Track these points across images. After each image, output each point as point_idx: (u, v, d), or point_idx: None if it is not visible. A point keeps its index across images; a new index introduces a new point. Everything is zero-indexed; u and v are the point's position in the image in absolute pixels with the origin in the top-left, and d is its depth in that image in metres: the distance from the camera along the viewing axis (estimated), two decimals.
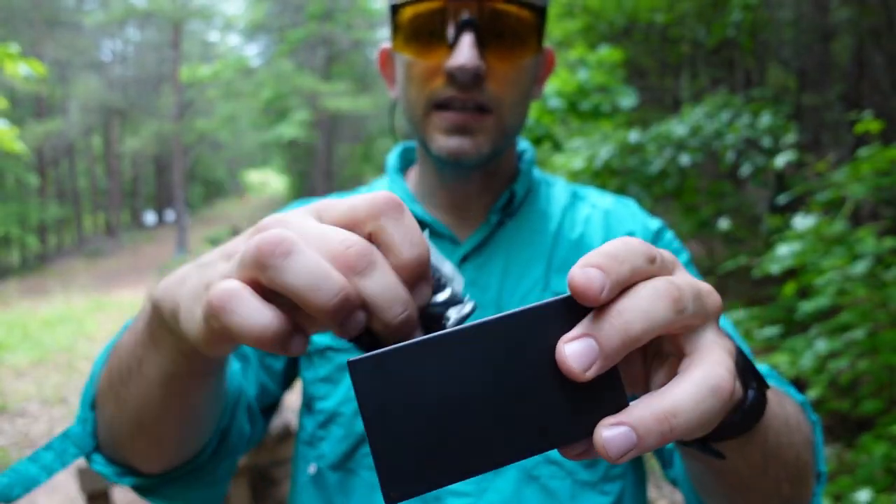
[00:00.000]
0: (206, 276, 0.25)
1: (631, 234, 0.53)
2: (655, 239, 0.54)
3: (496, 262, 0.51)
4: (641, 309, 0.21)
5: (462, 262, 0.51)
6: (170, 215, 19.96)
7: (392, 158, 0.58)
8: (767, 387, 0.29)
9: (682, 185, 2.94)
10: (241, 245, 0.25)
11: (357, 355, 0.20)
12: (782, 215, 1.66)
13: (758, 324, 1.70)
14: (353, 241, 0.22)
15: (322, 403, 0.50)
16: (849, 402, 1.73)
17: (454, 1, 0.43)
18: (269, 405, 0.53)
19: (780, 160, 1.70)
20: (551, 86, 2.88)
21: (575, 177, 3.04)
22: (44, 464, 0.36)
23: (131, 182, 22.60)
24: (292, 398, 2.40)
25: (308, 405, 0.52)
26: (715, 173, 4.48)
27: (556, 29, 3.94)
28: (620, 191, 2.95)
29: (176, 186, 15.11)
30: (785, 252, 1.50)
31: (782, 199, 1.94)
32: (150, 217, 20.00)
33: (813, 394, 1.52)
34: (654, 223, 0.56)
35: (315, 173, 17.31)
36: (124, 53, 20.95)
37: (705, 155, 2.96)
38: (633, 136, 2.85)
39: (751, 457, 0.31)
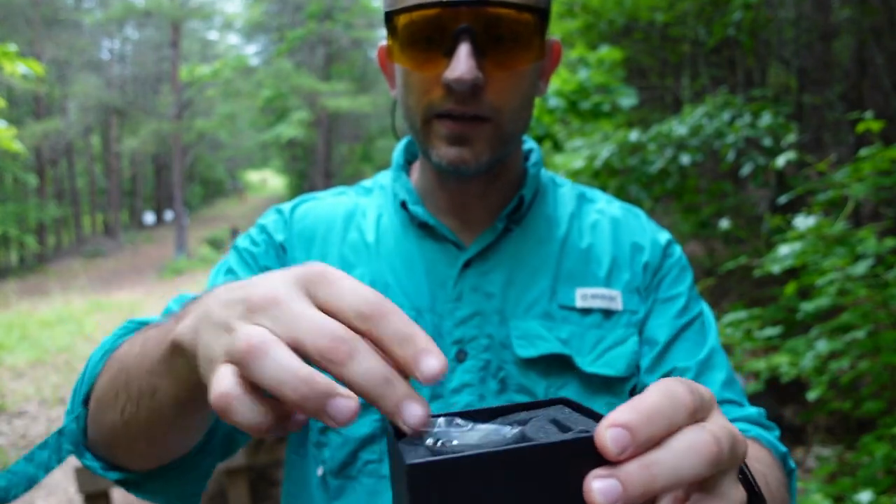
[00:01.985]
0: (212, 349, 0.26)
1: (639, 246, 0.53)
2: (664, 254, 0.53)
3: (501, 270, 0.50)
4: (671, 466, 0.21)
5: (465, 268, 0.50)
6: (169, 215, 19.94)
7: (397, 154, 0.57)
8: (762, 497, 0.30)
9: (682, 185, 2.94)
10: (237, 316, 0.25)
11: (408, 448, 0.22)
12: (783, 215, 1.65)
13: (758, 324, 1.70)
14: (337, 333, 0.23)
15: None
16: (850, 402, 1.73)
17: (449, 8, 0.42)
18: None
19: (781, 160, 1.70)
20: (551, 85, 2.88)
21: (575, 176, 3.04)
22: (40, 461, 0.37)
23: (130, 182, 22.58)
24: None
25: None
26: (716, 173, 4.48)
27: (556, 28, 3.93)
28: (620, 190, 2.95)
29: (175, 186, 15.10)
30: (786, 252, 1.50)
31: (783, 198, 1.94)
32: (148, 217, 19.98)
33: (814, 394, 1.52)
34: (664, 236, 0.54)
35: (314, 173, 17.30)
36: (123, 53, 20.93)
37: (706, 154, 2.96)
38: (634, 135, 2.85)
39: None
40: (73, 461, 2.92)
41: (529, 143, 0.57)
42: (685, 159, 2.57)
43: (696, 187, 3.35)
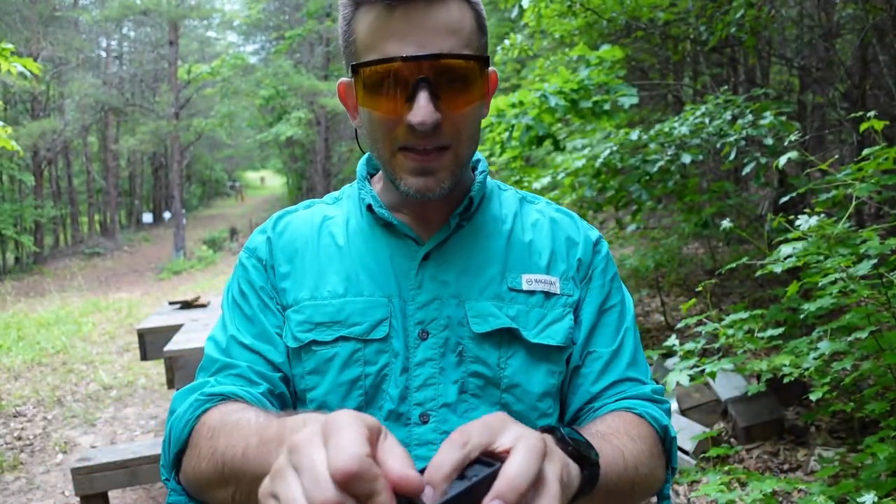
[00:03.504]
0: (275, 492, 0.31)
1: (573, 241, 0.63)
2: (594, 250, 0.63)
3: (455, 261, 0.59)
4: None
5: (424, 260, 0.58)
6: (167, 215, 19.89)
7: (360, 167, 0.66)
8: (598, 467, 0.43)
9: (683, 185, 2.93)
10: (286, 481, 0.30)
11: None
12: (785, 215, 1.64)
13: (760, 324, 1.69)
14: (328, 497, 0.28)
15: (312, 394, 0.56)
16: (853, 403, 1.72)
17: (409, 62, 0.49)
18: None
19: (783, 159, 1.69)
20: (552, 85, 2.86)
21: (576, 175, 3.03)
22: None
23: (128, 181, 22.51)
24: None
25: (301, 397, 0.58)
26: (717, 173, 4.47)
27: (556, 27, 3.91)
28: (621, 190, 2.94)
29: (173, 186, 15.06)
30: (788, 252, 1.49)
31: (785, 198, 1.93)
32: (146, 217, 19.93)
33: (816, 395, 1.51)
34: (594, 234, 0.65)
35: (313, 172, 17.27)
36: (121, 51, 20.86)
37: (707, 154, 2.95)
38: (635, 134, 2.84)
39: (594, 500, 0.44)
40: (68, 462, 2.90)
41: (477, 155, 0.66)
42: (686, 159, 2.56)
43: (698, 187, 3.34)
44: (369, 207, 0.60)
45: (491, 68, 0.57)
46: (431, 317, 0.56)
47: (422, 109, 0.50)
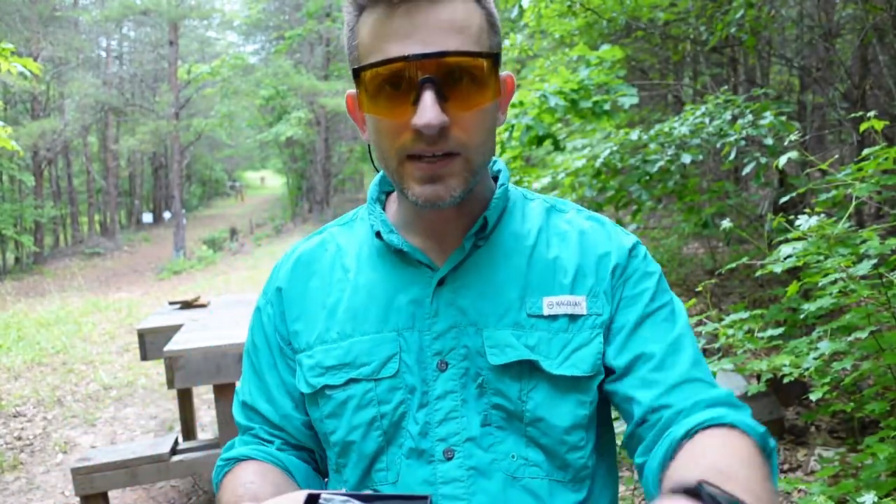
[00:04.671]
0: None
1: (605, 253, 0.56)
2: (630, 255, 0.57)
3: (472, 285, 0.55)
4: None
5: (439, 286, 0.55)
6: (167, 215, 19.89)
7: (372, 189, 0.62)
8: None
9: (683, 185, 2.92)
10: None
11: None
12: (785, 215, 1.64)
13: (760, 324, 1.69)
14: None
15: (333, 437, 0.56)
16: (853, 403, 1.72)
17: (412, 62, 0.46)
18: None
19: (783, 159, 1.69)
20: (552, 85, 2.86)
21: (576, 175, 3.02)
22: None
23: (128, 181, 22.51)
24: None
25: (324, 440, 0.59)
26: (717, 173, 4.47)
27: (556, 27, 3.91)
28: (621, 190, 2.94)
29: (173, 186, 15.05)
30: (788, 252, 1.49)
31: (785, 198, 1.93)
32: (146, 217, 19.93)
33: (816, 395, 1.51)
34: (629, 240, 0.58)
35: (313, 172, 17.27)
36: (121, 51, 20.85)
37: (707, 154, 2.94)
38: (635, 134, 2.83)
39: None
40: (68, 462, 2.90)
41: (499, 165, 0.62)
42: (686, 159, 2.56)
43: (698, 187, 3.34)
44: (378, 234, 0.57)
45: (506, 72, 0.55)
46: (450, 346, 0.53)
47: (427, 111, 0.46)
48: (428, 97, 0.46)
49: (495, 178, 0.61)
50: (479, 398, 0.53)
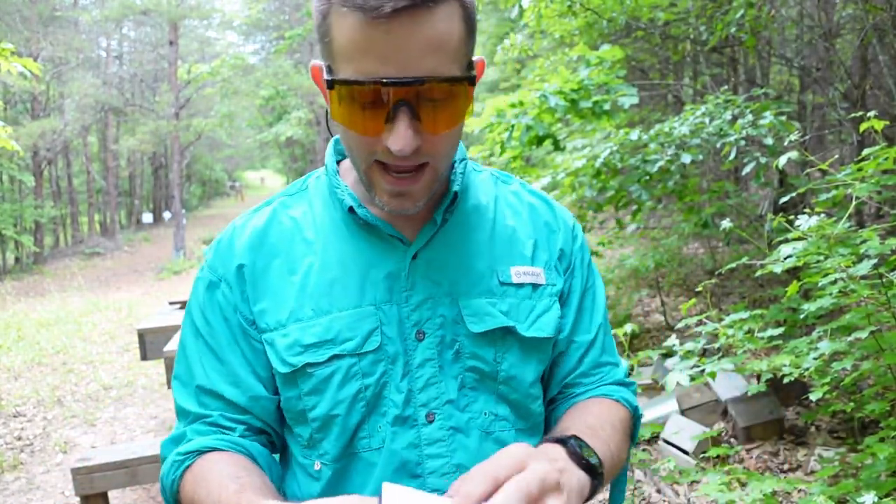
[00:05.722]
0: None
1: (554, 233, 0.63)
2: (573, 237, 0.65)
3: (444, 258, 0.58)
4: None
5: (413, 259, 0.57)
6: (167, 215, 19.88)
7: (329, 158, 0.61)
8: (601, 474, 0.50)
9: (683, 185, 2.93)
10: None
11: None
12: (785, 215, 1.64)
13: (760, 324, 1.69)
14: None
15: (315, 412, 0.56)
16: (853, 403, 1.72)
17: (389, 86, 0.46)
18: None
19: (783, 159, 1.69)
20: (552, 85, 2.86)
21: (576, 175, 3.02)
22: None
23: (128, 181, 22.51)
24: None
25: (297, 418, 0.58)
26: (717, 173, 4.47)
27: (556, 27, 3.91)
28: (621, 190, 2.93)
29: (173, 186, 15.05)
30: (788, 252, 1.49)
31: (785, 198, 1.93)
32: (146, 217, 19.92)
33: (816, 395, 1.50)
34: (570, 219, 0.66)
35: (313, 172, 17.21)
36: (121, 51, 20.85)
37: (707, 154, 2.94)
38: (635, 134, 2.83)
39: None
40: (68, 462, 2.90)
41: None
42: (686, 159, 2.56)
43: (698, 187, 3.34)
44: (351, 210, 0.57)
45: (478, 57, 0.54)
46: (426, 317, 0.56)
47: (401, 138, 0.47)
48: (403, 124, 0.47)
49: None
50: (454, 363, 0.56)
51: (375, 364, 0.55)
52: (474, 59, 0.53)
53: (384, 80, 0.45)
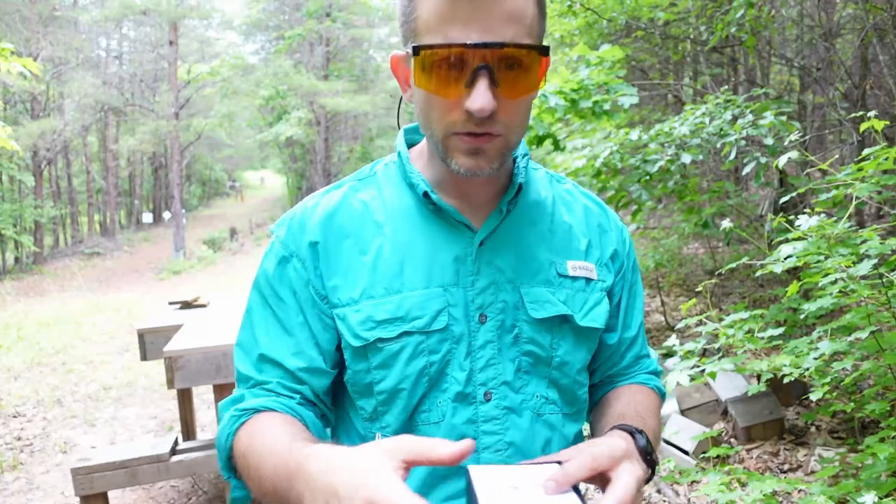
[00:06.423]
0: None
1: (606, 234, 0.68)
2: (625, 242, 0.69)
3: (507, 246, 0.61)
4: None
5: (479, 246, 0.61)
6: (167, 215, 19.88)
7: (401, 144, 0.66)
8: (657, 462, 0.55)
9: (684, 185, 2.92)
10: None
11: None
12: (785, 215, 1.64)
13: (760, 324, 1.69)
14: None
15: (381, 385, 0.60)
16: (853, 403, 1.72)
17: (471, 49, 0.50)
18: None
19: (783, 159, 1.69)
20: (551, 85, 2.86)
21: (576, 176, 3.02)
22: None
23: (128, 181, 22.51)
24: None
25: (363, 391, 0.61)
26: (717, 173, 4.47)
27: (556, 27, 3.91)
28: (621, 190, 2.93)
29: (173, 186, 15.05)
30: (788, 252, 1.49)
31: (785, 198, 1.93)
32: (146, 217, 19.93)
33: (816, 396, 1.50)
34: (622, 224, 0.71)
35: (313, 172, 17.26)
36: (121, 51, 20.84)
37: (707, 154, 2.94)
38: (635, 134, 2.83)
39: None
40: (68, 462, 2.90)
41: None
42: (686, 159, 2.55)
43: (698, 187, 3.34)
44: (426, 194, 0.60)
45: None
46: (489, 301, 0.59)
47: (481, 97, 0.50)
48: (483, 84, 0.50)
49: None
50: (512, 346, 0.60)
51: (441, 342, 0.58)
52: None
53: (468, 43, 0.49)
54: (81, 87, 15.54)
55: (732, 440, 2.35)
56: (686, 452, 2.20)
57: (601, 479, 0.47)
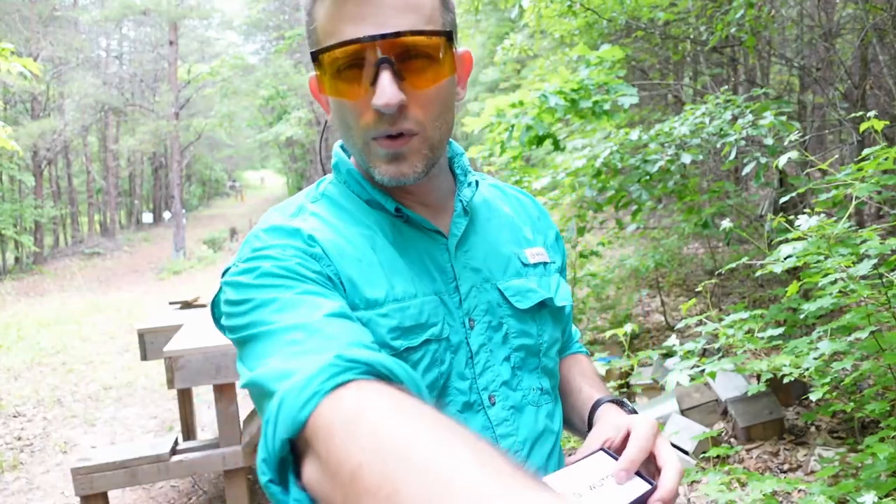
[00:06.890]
0: None
1: (532, 212, 0.70)
2: (549, 217, 0.73)
3: (478, 247, 0.62)
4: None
5: (455, 251, 0.60)
6: (167, 215, 19.88)
7: (342, 161, 0.61)
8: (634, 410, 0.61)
9: (683, 185, 2.92)
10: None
11: None
12: (785, 215, 1.64)
13: (760, 324, 1.69)
14: None
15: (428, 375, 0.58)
16: (853, 403, 1.72)
17: (367, 43, 0.48)
18: None
19: (783, 159, 1.69)
20: (551, 85, 2.86)
21: (576, 175, 3.02)
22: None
23: (128, 181, 22.51)
24: None
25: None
26: (717, 173, 4.47)
27: (556, 27, 3.91)
28: (621, 190, 2.93)
29: (173, 186, 15.05)
30: (788, 252, 1.49)
31: (785, 198, 1.93)
32: (146, 217, 19.93)
33: (816, 396, 1.50)
34: (546, 211, 0.74)
35: (313, 172, 17.25)
36: (121, 51, 20.85)
37: (707, 154, 2.94)
38: (635, 134, 2.83)
39: None
40: (68, 462, 2.90)
41: (454, 148, 0.68)
42: (686, 159, 2.55)
43: (698, 187, 3.34)
44: (398, 210, 0.57)
45: (464, 48, 0.56)
46: (473, 304, 0.58)
47: (385, 91, 0.48)
48: (385, 77, 0.48)
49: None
50: (503, 344, 0.59)
51: (445, 352, 0.56)
52: (459, 50, 0.56)
53: (361, 38, 0.48)
54: (81, 87, 15.54)
55: (732, 440, 2.35)
56: (686, 452, 2.20)
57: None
